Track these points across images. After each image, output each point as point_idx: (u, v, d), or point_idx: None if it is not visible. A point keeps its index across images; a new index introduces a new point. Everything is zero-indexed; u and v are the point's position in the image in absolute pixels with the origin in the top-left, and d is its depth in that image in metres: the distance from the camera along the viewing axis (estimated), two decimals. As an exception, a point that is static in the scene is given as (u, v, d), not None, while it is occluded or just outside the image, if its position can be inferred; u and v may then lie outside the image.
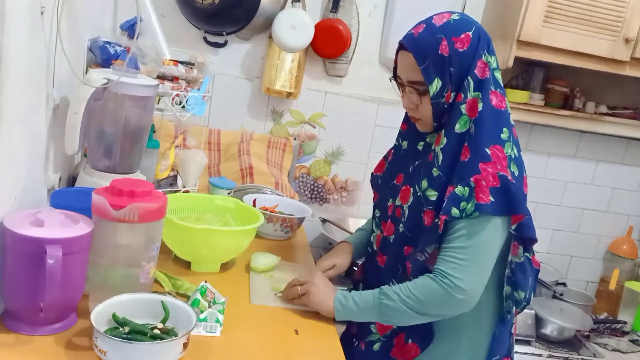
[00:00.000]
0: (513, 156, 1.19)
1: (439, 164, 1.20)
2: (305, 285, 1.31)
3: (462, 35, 1.19)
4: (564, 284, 2.53)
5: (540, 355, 2.13)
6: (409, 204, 1.26)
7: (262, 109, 2.32)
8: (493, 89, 1.20)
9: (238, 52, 2.26)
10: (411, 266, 1.25)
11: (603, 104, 2.38)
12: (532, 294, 1.28)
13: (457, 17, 1.23)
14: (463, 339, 1.28)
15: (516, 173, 1.18)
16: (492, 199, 1.13)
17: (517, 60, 2.10)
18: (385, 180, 1.40)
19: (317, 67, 2.31)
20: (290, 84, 2.22)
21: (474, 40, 1.19)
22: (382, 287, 1.24)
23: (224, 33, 2.19)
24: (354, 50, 2.29)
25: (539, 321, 2.19)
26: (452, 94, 1.20)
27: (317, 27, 2.16)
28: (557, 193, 2.58)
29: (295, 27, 2.11)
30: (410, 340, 1.28)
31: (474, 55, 1.19)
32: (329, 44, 2.20)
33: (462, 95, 1.19)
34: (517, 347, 2.09)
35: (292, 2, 2.16)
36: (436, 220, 1.18)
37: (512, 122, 1.24)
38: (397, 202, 1.31)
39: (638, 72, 2.16)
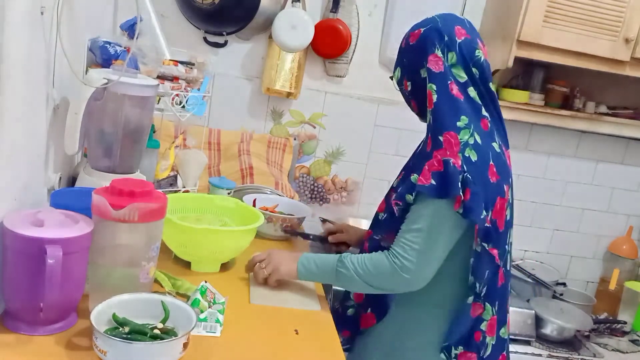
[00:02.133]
0: (472, 142, 1.21)
1: (415, 154, 1.38)
2: (268, 265, 1.36)
3: (416, 31, 1.30)
4: (564, 284, 2.53)
5: (540, 355, 2.13)
6: (396, 186, 1.38)
7: (262, 109, 2.32)
8: (451, 81, 1.25)
9: (238, 52, 2.26)
10: (368, 245, 1.38)
11: (603, 104, 2.38)
12: (485, 287, 1.26)
13: (430, 16, 1.31)
14: (420, 319, 1.34)
15: (473, 158, 1.20)
16: (432, 182, 1.19)
17: (517, 60, 2.10)
18: None
19: (317, 67, 2.31)
20: (290, 84, 2.22)
21: (422, 36, 1.28)
22: (343, 255, 1.31)
23: (224, 33, 2.19)
24: (354, 50, 2.29)
25: (539, 321, 2.19)
26: (409, 83, 1.32)
27: (317, 27, 2.16)
28: (557, 193, 2.58)
29: (295, 27, 2.11)
30: (369, 310, 1.40)
31: (425, 50, 1.26)
32: (329, 44, 2.20)
33: (422, 88, 1.28)
34: (517, 347, 2.10)
35: (292, 2, 2.16)
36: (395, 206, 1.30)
37: (485, 114, 1.27)
38: (395, 184, 1.42)
39: (638, 72, 2.16)
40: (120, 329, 1.00)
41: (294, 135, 2.35)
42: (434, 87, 1.24)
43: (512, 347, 2.11)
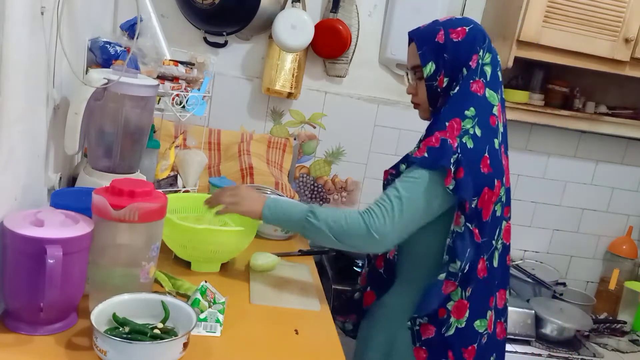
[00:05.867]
0: (472, 132, 1.25)
1: (420, 140, 1.35)
2: (233, 195, 1.37)
3: (459, 28, 1.30)
4: (564, 284, 2.53)
5: (540, 355, 2.13)
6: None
7: (262, 109, 2.32)
8: (477, 79, 1.29)
9: (238, 52, 2.26)
10: None
11: (603, 104, 2.38)
12: (468, 266, 1.27)
13: (460, 17, 1.35)
14: (400, 293, 1.39)
15: (469, 146, 1.24)
16: (425, 155, 1.24)
17: (517, 60, 2.10)
18: None
19: (317, 67, 2.31)
20: (290, 84, 2.22)
21: (470, 34, 1.30)
22: (314, 205, 1.32)
23: (224, 33, 2.19)
24: (354, 50, 2.29)
25: (538, 321, 2.19)
26: (445, 79, 1.31)
27: (317, 27, 2.16)
28: (557, 193, 2.57)
29: (295, 27, 2.11)
30: (369, 288, 1.46)
31: (471, 49, 1.29)
32: (329, 44, 2.20)
33: (455, 83, 1.30)
34: (517, 347, 2.10)
35: (292, 2, 2.16)
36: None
37: (494, 112, 1.30)
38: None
39: (638, 72, 2.16)
40: (121, 329, 1.00)
41: (294, 135, 2.35)
42: (462, 82, 1.29)
43: (512, 347, 2.11)
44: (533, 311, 2.19)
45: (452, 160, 1.21)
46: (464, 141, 1.24)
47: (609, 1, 2.05)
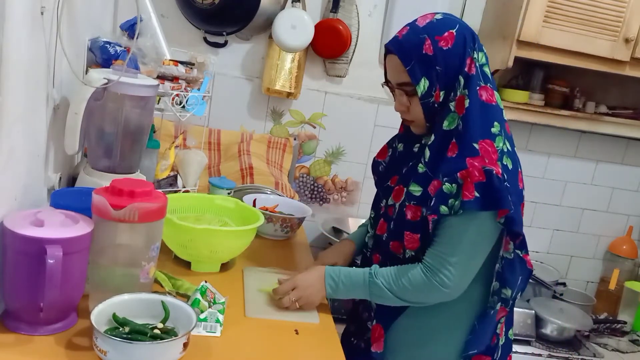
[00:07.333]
0: (506, 150, 1.19)
1: (425, 160, 1.22)
2: (300, 299, 1.28)
3: (446, 34, 1.19)
4: (564, 284, 2.53)
5: (540, 355, 2.13)
6: (400, 202, 1.28)
7: (262, 109, 2.32)
8: (483, 84, 1.20)
9: (238, 52, 2.26)
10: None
11: (603, 104, 2.38)
12: (519, 294, 1.26)
13: (440, 17, 1.23)
14: (440, 327, 1.30)
15: (510, 166, 1.19)
16: (476, 194, 1.13)
17: (517, 60, 2.10)
18: (380, 182, 1.42)
19: (317, 67, 2.31)
20: (290, 84, 2.23)
21: (459, 38, 1.19)
22: (372, 270, 1.26)
23: (224, 33, 2.20)
24: (354, 50, 2.29)
25: (539, 321, 2.19)
26: (442, 93, 1.20)
27: (317, 27, 2.17)
28: (557, 193, 2.58)
29: (295, 27, 2.11)
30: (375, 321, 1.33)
31: (463, 53, 1.19)
32: (329, 44, 2.20)
33: (453, 93, 1.20)
34: (517, 347, 2.10)
35: (292, 2, 2.17)
36: (425, 216, 1.20)
37: (505, 118, 1.24)
38: (390, 202, 1.32)
39: (638, 72, 2.16)
40: (121, 329, 1.00)
41: (294, 135, 2.35)
42: (467, 91, 1.18)
43: (513, 347, 2.11)
44: (533, 311, 2.19)
45: (509, 197, 1.13)
46: (505, 163, 1.17)
47: (609, 1, 2.05)
